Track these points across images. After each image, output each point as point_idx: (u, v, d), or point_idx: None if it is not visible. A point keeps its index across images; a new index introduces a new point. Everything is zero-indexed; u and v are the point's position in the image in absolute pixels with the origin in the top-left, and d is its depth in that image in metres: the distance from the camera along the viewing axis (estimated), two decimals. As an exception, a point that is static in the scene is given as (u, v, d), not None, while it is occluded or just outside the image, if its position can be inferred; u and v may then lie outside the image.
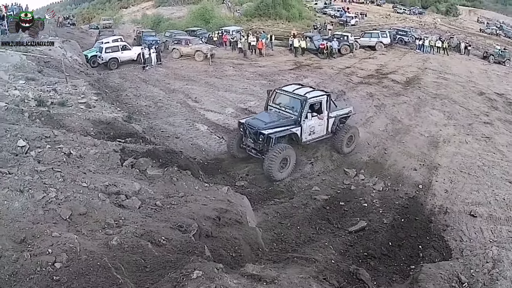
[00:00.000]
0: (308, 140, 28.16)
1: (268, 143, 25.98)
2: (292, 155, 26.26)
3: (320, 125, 28.53)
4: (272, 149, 25.48)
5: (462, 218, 22.18)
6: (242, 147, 27.92)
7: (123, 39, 61.84)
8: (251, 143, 27.05)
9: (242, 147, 27.92)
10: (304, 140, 27.84)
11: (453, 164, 28.45)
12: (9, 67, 32.74)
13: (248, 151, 27.43)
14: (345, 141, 29.26)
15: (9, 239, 11.22)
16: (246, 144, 27.56)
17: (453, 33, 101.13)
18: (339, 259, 17.48)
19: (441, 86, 50.14)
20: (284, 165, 26.03)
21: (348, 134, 29.42)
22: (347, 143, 29.57)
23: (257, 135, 26.33)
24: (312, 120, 27.86)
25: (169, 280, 10.42)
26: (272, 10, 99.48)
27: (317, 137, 28.62)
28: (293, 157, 26.37)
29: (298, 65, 59.29)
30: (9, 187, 13.42)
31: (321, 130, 28.78)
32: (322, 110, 28.41)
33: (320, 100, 28.36)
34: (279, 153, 25.27)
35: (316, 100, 28.09)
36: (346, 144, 29.46)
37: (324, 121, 28.73)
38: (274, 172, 25.34)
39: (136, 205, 15.47)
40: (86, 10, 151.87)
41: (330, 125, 29.17)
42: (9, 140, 17.94)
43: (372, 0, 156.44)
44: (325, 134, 29.06)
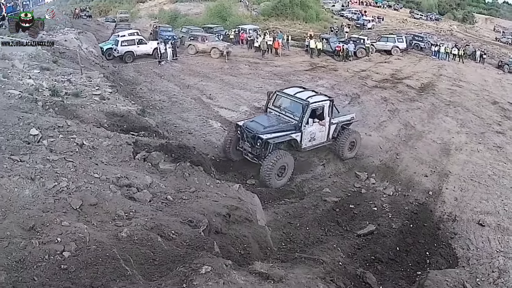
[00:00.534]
0: (308, 146, 27.23)
1: (266, 148, 24.99)
2: (290, 162, 25.46)
3: (321, 131, 27.58)
4: (270, 155, 24.59)
5: (470, 227, 22.08)
6: (238, 150, 26.99)
7: (139, 33, 61.80)
8: (248, 147, 26.06)
9: (238, 149, 26.97)
10: (304, 146, 26.88)
11: (464, 172, 28.32)
12: (24, 56, 32.72)
13: (244, 154, 26.58)
14: (346, 146, 28.63)
15: (18, 226, 11.21)
16: (242, 147, 26.61)
17: (469, 40, 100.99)
18: (347, 261, 17.38)
19: (455, 93, 50.01)
20: (282, 172, 25.19)
21: (350, 139, 28.75)
22: (349, 148, 28.94)
23: (254, 139, 25.29)
24: (313, 126, 26.88)
25: (178, 274, 10.41)
26: (289, 10, 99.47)
27: (317, 143, 27.76)
28: (291, 164, 25.58)
29: (313, 66, 59.41)
30: (20, 175, 13.41)
31: (322, 137, 27.88)
32: (324, 116, 27.43)
33: (323, 105, 27.35)
34: (277, 160, 24.44)
35: (318, 105, 27.09)
36: (347, 149, 28.86)
37: (326, 128, 27.80)
38: (271, 180, 24.55)
39: (147, 198, 15.42)
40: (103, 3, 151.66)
41: (332, 132, 28.34)
42: (22, 128, 17.92)
43: (389, 4, 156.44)
44: (326, 140, 28.23)
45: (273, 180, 24.61)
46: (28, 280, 9.49)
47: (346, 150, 28.67)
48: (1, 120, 18.05)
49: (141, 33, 64.20)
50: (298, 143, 26.26)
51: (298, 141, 26.19)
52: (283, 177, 25.29)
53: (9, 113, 19.05)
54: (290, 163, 25.44)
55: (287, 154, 25.27)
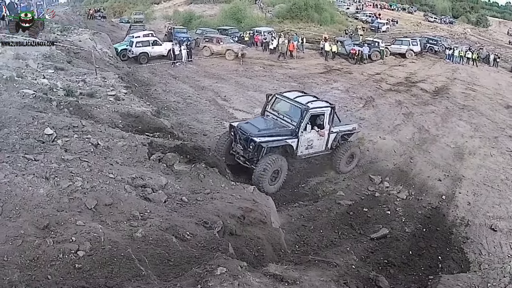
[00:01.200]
0: (303, 154, 25.95)
1: (259, 152, 23.91)
2: (284, 167, 24.40)
3: (319, 140, 26.21)
4: (263, 159, 23.59)
5: (482, 232, 22.16)
6: (232, 154, 25.80)
7: (153, 34, 62.05)
8: (240, 149, 25.00)
9: (232, 153, 25.80)
10: (300, 154, 25.59)
11: (477, 176, 28.30)
12: (38, 56, 32.71)
13: (236, 158, 25.45)
14: (344, 159, 27.26)
15: (32, 225, 11.22)
16: (235, 151, 25.50)
17: (483, 44, 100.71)
18: (360, 264, 17.40)
19: (469, 97, 49.90)
20: (275, 177, 24.15)
21: (349, 152, 27.41)
22: (346, 162, 27.61)
23: (247, 142, 24.25)
24: (311, 133, 25.61)
25: (193, 275, 10.39)
26: (304, 12, 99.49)
27: (314, 152, 26.47)
28: (285, 169, 24.52)
29: (328, 69, 59.49)
30: (34, 174, 13.36)
31: (320, 145, 26.49)
32: (324, 123, 26.01)
33: (323, 112, 26.00)
34: (271, 165, 23.41)
35: (318, 112, 25.79)
36: (345, 162, 27.53)
37: (325, 136, 26.40)
38: (264, 185, 23.25)
39: (162, 199, 15.40)
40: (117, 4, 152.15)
41: (331, 141, 26.88)
42: (36, 127, 17.97)
43: (403, 7, 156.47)
44: (323, 150, 26.89)
45: (266, 185, 23.53)
46: (41, 279, 9.47)
47: (344, 163, 27.47)
48: (16, 119, 18.12)
49: (155, 34, 64.68)
50: (293, 149, 25.10)
51: (294, 147, 25.02)
52: (276, 181, 24.37)
53: (23, 112, 19.10)
54: (284, 167, 24.52)
55: (281, 158, 24.27)
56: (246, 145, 24.31)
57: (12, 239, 10.47)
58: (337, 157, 27.07)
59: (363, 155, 29.61)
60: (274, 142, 24.28)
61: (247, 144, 24.23)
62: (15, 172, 13.05)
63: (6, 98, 21.90)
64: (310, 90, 41.28)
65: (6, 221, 11.24)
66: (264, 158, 23.60)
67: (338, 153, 27.08)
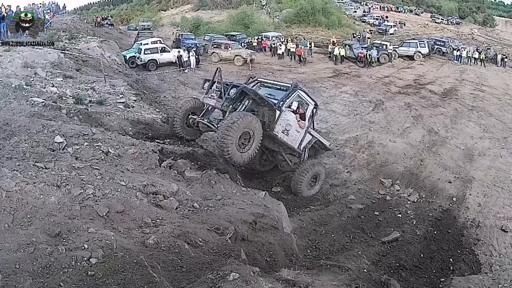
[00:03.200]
0: (278, 135, 23.21)
1: (240, 100, 22.33)
2: (258, 130, 21.25)
3: (296, 130, 24.13)
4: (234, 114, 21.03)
5: (493, 233, 22.10)
6: (189, 125, 24.16)
7: (162, 41, 62.32)
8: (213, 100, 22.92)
9: (189, 125, 24.14)
10: (275, 132, 22.92)
11: (487, 177, 28.25)
12: (46, 64, 32.75)
13: (196, 126, 23.85)
14: (306, 180, 24.82)
15: (43, 233, 11.24)
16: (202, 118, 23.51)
17: (490, 44, 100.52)
18: (372, 268, 17.49)
19: (477, 98, 49.89)
20: (245, 143, 21.19)
21: (313, 171, 25.05)
22: (309, 183, 25.25)
23: (229, 89, 22.44)
24: (292, 116, 23.64)
25: (206, 281, 10.39)
26: (311, 17, 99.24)
27: (286, 141, 23.88)
28: (259, 132, 21.36)
29: (337, 73, 59.45)
30: (45, 182, 13.38)
31: (294, 138, 24.32)
32: (305, 116, 24.47)
33: (308, 103, 24.84)
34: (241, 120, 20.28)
35: (304, 98, 24.64)
36: (307, 183, 25.09)
37: (302, 132, 24.60)
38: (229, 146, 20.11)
39: (174, 206, 15.43)
40: (124, 11, 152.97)
41: (305, 142, 25.01)
42: (46, 135, 18.03)
43: (410, 10, 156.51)
44: (295, 146, 24.58)
45: (233, 148, 20.34)
46: (54, 286, 9.48)
47: (306, 184, 25.00)
48: (25, 127, 18.18)
49: (163, 41, 65.02)
50: (273, 118, 22.44)
51: (275, 117, 22.50)
52: (247, 149, 21.27)
53: (33, 121, 19.16)
54: (258, 131, 21.33)
55: (256, 120, 21.29)
56: (228, 93, 22.38)
57: (24, 246, 10.46)
58: (299, 176, 24.69)
59: (373, 159, 29.71)
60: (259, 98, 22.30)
61: (228, 92, 22.37)
62: (26, 180, 13.05)
63: (16, 106, 22.03)
64: (320, 95, 41.68)
65: (17, 229, 11.26)
66: (237, 113, 21.17)
67: (301, 170, 24.74)
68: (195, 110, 24.36)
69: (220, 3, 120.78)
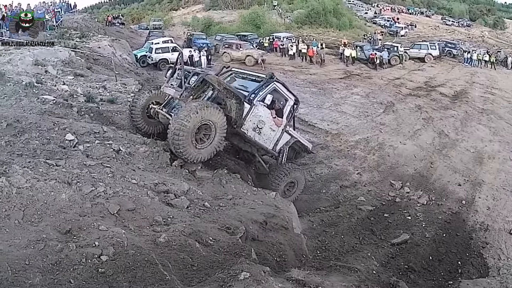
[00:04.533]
0: (247, 134, 20.42)
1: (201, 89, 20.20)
2: (220, 122, 18.68)
3: (271, 128, 21.21)
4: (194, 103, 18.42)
5: (502, 236, 22.08)
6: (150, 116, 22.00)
7: (173, 41, 62.31)
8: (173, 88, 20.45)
9: (150, 115, 21.98)
10: (243, 129, 20.19)
11: (497, 181, 28.23)
12: (57, 62, 32.59)
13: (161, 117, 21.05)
14: (282, 184, 21.95)
15: (54, 229, 11.23)
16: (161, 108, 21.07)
17: (500, 46, 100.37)
18: (381, 270, 17.55)
19: (488, 101, 49.86)
20: (206, 135, 18.71)
21: (290, 177, 22.27)
22: (285, 190, 22.41)
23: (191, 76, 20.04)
24: (266, 113, 20.77)
25: (216, 280, 10.42)
26: (322, 18, 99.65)
27: (258, 140, 21.05)
28: (222, 125, 18.78)
29: (348, 74, 59.66)
30: (56, 179, 13.35)
31: (268, 138, 21.36)
32: (282, 113, 21.57)
33: (286, 98, 21.84)
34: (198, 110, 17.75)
35: (282, 92, 21.65)
36: (282, 191, 21.69)
37: (278, 131, 21.57)
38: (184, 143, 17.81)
39: (185, 205, 15.42)
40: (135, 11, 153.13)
41: (281, 143, 22.02)
42: (57, 133, 18.02)
43: (421, 11, 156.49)
44: (269, 147, 21.62)
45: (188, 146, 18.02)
46: (64, 283, 9.48)
47: (280, 191, 21.34)
48: (36, 124, 18.16)
49: (174, 40, 64.93)
50: (240, 113, 19.74)
51: (244, 112, 19.83)
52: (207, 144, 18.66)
53: (43, 118, 19.16)
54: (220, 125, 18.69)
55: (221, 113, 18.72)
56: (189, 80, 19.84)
57: (34, 243, 10.46)
58: (274, 178, 21.84)
59: (383, 161, 29.76)
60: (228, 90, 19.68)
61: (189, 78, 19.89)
62: (37, 177, 13.06)
63: (26, 104, 22.00)
64: (331, 96, 41.87)
65: (28, 225, 11.28)
66: (195, 102, 18.71)
67: (276, 174, 21.94)
68: (158, 100, 22.05)
69: (231, 3, 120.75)
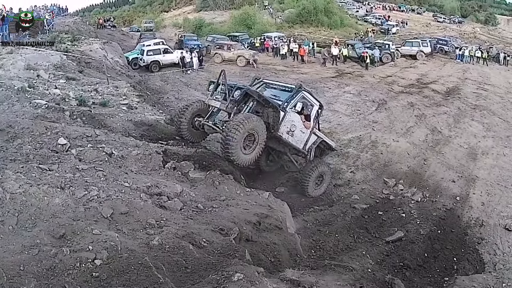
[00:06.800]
0: (283, 137, 22.70)
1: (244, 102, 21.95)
2: (261, 130, 20.70)
3: (301, 131, 23.68)
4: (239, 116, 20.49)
5: (497, 232, 22.13)
6: (195, 127, 23.55)
7: (164, 43, 62.49)
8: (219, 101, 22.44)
9: (195, 127, 23.53)
10: (280, 133, 22.37)
11: (491, 176, 28.29)
12: (49, 66, 32.74)
13: (202, 128, 23.17)
14: (313, 179, 24.70)
15: (48, 234, 11.24)
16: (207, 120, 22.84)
17: (492, 43, 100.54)
18: (376, 268, 17.57)
19: (480, 97, 49.90)
20: (251, 142, 20.73)
21: (318, 172, 24.84)
22: (315, 183, 25.08)
23: (233, 90, 21.95)
24: (297, 117, 23.18)
25: (210, 281, 10.45)
26: (314, 17, 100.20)
27: (292, 142, 23.45)
28: (263, 134, 20.84)
29: (339, 73, 59.67)
30: (49, 184, 13.38)
31: (299, 139, 23.86)
32: (310, 117, 24.10)
33: (313, 104, 24.35)
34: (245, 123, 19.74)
35: (309, 99, 24.06)
36: (314, 183, 24.92)
37: (307, 133, 24.14)
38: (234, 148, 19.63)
39: (178, 207, 15.40)
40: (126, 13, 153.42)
41: (310, 143, 24.63)
42: (50, 137, 18.01)
43: (412, 9, 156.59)
44: (300, 147, 24.11)
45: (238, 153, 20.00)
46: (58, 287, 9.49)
47: (312, 184, 24.83)
48: (29, 129, 18.14)
49: (166, 42, 65.04)
50: (277, 120, 21.81)
51: (279, 118, 21.87)
52: (251, 150, 20.83)
53: (36, 123, 19.12)
54: (261, 132, 20.75)
55: (260, 120, 20.83)
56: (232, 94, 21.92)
57: (28, 248, 10.50)
58: (305, 175, 24.67)
59: (377, 159, 29.73)
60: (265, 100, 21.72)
61: (232, 94, 21.92)
62: (30, 182, 13.07)
63: (19, 108, 22.02)
64: (323, 95, 41.76)
65: (22, 230, 11.28)
66: (241, 115, 20.65)
67: (306, 171, 24.69)
68: (200, 112, 23.84)
69: (222, 4, 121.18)
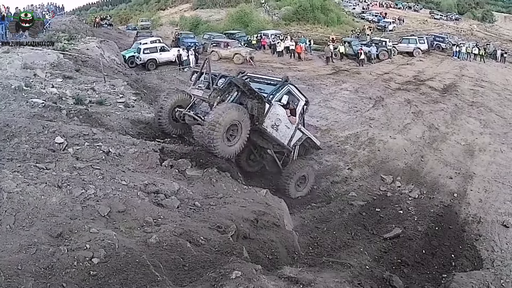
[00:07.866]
0: (268, 130, 22.10)
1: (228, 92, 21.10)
2: (245, 121, 20.15)
3: (286, 125, 23.00)
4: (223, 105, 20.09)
5: (494, 228, 22.08)
6: (175, 119, 22.89)
7: (161, 41, 62.61)
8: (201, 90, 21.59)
9: (175, 118, 22.85)
10: (264, 126, 21.70)
11: (488, 173, 28.32)
12: (46, 65, 32.73)
13: (183, 119, 22.41)
14: (294, 179, 23.96)
15: (45, 233, 11.23)
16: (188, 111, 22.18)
17: (489, 40, 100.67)
18: (374, 265, 17.51)
19: (477, 93, 49.99)
20: (234, 133, 20.18)
21: (301, 172, 24.19)
22: (297, 184, 24.33)
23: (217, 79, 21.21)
24: (282, 111, 22.59)
25: (208, 279, 10.42)
26: (310, 14, 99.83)
27: (277, 137, 22.75)
28: (246, 124, 20.24)
29: (336, 70, 59.86)
30: (46, 182, 13.34)
31: (284, 134, 23.11)
32: (295, 112, 23.49)
33: (298, 99, 23.79)
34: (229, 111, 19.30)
35: (295, 93, 23.55)
36: (295, 184, 24.14)
37: (292, 128, 23.46)
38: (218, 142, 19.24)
39: (175, 205, 15.40)
40: (123, 11, 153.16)
41: (295, 139, 23.91)
42: (47, 136, 17.95)
43: (409, 6, 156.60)
44: (285, 142, 23.37)
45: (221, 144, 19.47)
46: (56, 287, 9.50)
47: (294, 185, 24.01)
48: (26, 128, 18.09)
49: (163, 40, 65.30)
50: (262, 112, 21.16)
51: (264, 111, 21.26)
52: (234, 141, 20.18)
53: (33, 122, 19.07)
54: (245, 124, 20.20)
55: (244, 110, 20.25)
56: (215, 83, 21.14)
57: (25, 247, 10.50)
58: (287, 174, 23.90)
59: (374, 155, 29.78)
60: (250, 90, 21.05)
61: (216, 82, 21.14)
62: (27, 181, 13.04)
63: (16, 107, 21.98)
64: (320, 92, 41.97)
65: (19, 230, 11.27)
66: (224, 104, 20.28)
67: (289, 170, 23.96)
68: (182, 103, 23.11)
69: (218, 2, 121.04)
